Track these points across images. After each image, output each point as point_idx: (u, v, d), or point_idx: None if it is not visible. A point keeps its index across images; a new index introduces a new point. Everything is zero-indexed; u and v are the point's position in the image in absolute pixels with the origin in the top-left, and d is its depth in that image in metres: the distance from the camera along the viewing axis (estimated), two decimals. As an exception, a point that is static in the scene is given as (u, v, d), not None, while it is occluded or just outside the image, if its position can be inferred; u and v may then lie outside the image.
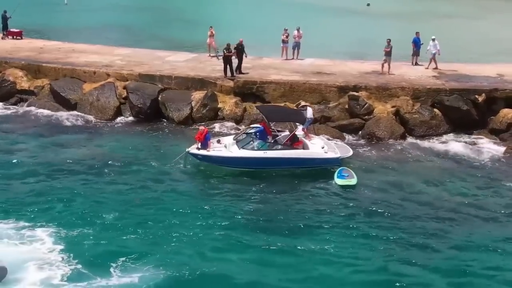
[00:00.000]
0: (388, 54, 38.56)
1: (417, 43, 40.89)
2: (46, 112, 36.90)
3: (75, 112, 36.82)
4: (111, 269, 20.32)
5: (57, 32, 54.62)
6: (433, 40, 39.91)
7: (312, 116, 31.96)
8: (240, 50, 37.90)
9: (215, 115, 36.18)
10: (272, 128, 31.17)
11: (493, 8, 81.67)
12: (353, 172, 28.58)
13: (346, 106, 35.86)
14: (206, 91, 36.76)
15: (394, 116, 35.27)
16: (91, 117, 36.11)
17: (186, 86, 37.56)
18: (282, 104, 35.71)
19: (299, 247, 22.19)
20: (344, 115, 35.72)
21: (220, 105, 36.44)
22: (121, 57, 42.29)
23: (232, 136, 30.83)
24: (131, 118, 36.29)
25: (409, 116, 35.19)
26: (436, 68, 40.07)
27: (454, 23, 69.14)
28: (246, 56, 38.36)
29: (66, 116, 36.29)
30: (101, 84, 38.01)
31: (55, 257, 20.82)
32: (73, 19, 65.61)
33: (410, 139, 33.90)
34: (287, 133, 30.88)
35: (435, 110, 35.48)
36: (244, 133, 31.01)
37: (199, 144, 29.21)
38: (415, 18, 69.08)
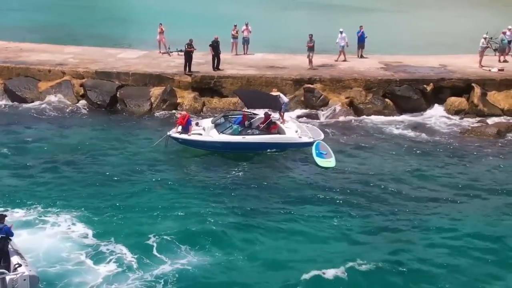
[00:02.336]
0: (311, 49, 39.83)
1: (361, 36, 42.47)
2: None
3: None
4: (147, 248, 21.22)
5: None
6: (341, 32, 41.47)
7: (287, 101, 33.20)
8: (215, 47, 38.64)
9: (174, 110, 36.74)
10: (247, 111, 32.45)
11: (413, 3, 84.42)
12: (329, 149, 30.09)
13: (302, 98, 37.17)
14: (164, 87, 37.37)
15: (348, 107, 36.77)
16: (52, 112, 36.22)
17: (143, 83, 38.05)
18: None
19: (278, 225, 23.29)
20: (301, 107, 36.97)
21: (179, 100, 37.12)
22: (72, 55, 42.32)
23: (210, 119, 32.06)
24: (91, 114, 36.38)
25: (363, 106, 36.78)
26: (344, 60, 41.76)
27: (378, 16, 71.22)
28: (220, 52, 39.24)
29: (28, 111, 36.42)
30: (57, 82, 38.09)
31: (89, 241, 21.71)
32: (1, 19, 64.32)
33: (369, 125, 35.26)
34: (262, 116, 31.97)
35: (387, 100, 37.22)
36: (222, 116, 32.16)
37: (180, 128, 30.33)
38: (339, 13, 71.22)
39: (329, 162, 29.14)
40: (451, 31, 58.84)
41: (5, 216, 18.93)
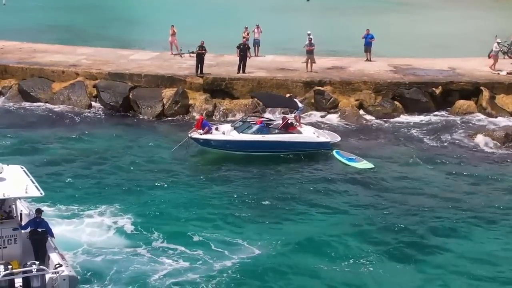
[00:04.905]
0: (310, 52, 40.04)
1: (365, 39, 42.82)
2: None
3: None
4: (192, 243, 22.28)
5: (2, 32, 53.78)
6: (309, 35, 41.50)
7: (302, 106, 33.86)
8: (243, 50, 39.25)
9: (186, 111, 37.24)
10: (265, 118, 33.29)
11: (420, 4, 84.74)
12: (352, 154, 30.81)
13: (312, 100, 37.60)
14: (176, 88, 37.78)
15: (358, 109, 37.19)
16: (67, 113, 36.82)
17: (156, 84, 38.54)
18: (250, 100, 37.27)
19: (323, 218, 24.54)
20: (311, 109, 37.39)
21: (191, 102, 37.55)
22: (85, 56, 42.94)
23: (230, 124, 32.68)
24: (103, 115, 37.03)
25: (372, 108, 37.25)
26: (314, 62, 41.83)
27: (387, 18, 71.43)
28: (249, 57, 40.05)
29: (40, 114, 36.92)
30: (70, 83, 38.64)
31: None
32: (14, 20, 64.95)
33: (382, 127, 35.84)
34: (279, 122, 32.52)
35: (396, 102, 37.64)
36: (241, 121, 32.72)
37: (199, 131, 30.97)
38: (352, 14, 71.51)
39: (366, 164, 29.73)
40: (458, 33, 59.08)
41: (42, 210, 19.53)
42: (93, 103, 37.85)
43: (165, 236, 22.53)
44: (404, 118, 36.65)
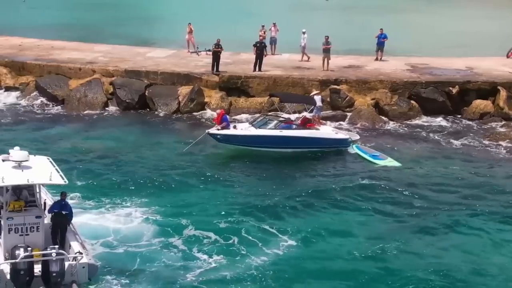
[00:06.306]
0: (326, 51, 40.06)
1: (378, 39, 42.76)
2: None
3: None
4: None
5: (22, 29, 54.14)
6: (304, 33, 41.72)
7: (321, 104, 33.88)
8: (260, 48, 39.25)
9: (202, 109, 37.35)
10: (283, 117, 33.14)
11: (440, 3, 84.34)
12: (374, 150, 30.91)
13: (328, 99, 37.49)
14: (192, 86, 37.89)
15: (374, 108, 37.07)
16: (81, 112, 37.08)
17: (172, 82, 38.68)
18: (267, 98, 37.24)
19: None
20: (326, 108, 37.18)
21: (206, 100, 37.62)
22: (102, 53, 43.14)
23: (247, 122, 32.78)
24: (119, 112, 37.35)
25: (388, 108, 37.08)
26: (308, 60, 42.13)
27: (406, 17, 71.23)
28: (265, 55, 39.93)
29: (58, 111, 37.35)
30: (87, 80, 38.72)
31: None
32: (33, 17, 65.37)
33: (396, 127, 35.84)
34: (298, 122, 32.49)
35: (412, 101, 37.48)
36: (258, 118, 32.74)
37: (218, 126, 31.02)
38: (371, 13, 71.27)
39: (392, 161, 29.73)
40: (476, 32, 58.73)
41: (66, 193, 19.82)
42: (109, 100, 37.97)
43: (192, 228, 22.77)
44: (420, 117, 36.60)
